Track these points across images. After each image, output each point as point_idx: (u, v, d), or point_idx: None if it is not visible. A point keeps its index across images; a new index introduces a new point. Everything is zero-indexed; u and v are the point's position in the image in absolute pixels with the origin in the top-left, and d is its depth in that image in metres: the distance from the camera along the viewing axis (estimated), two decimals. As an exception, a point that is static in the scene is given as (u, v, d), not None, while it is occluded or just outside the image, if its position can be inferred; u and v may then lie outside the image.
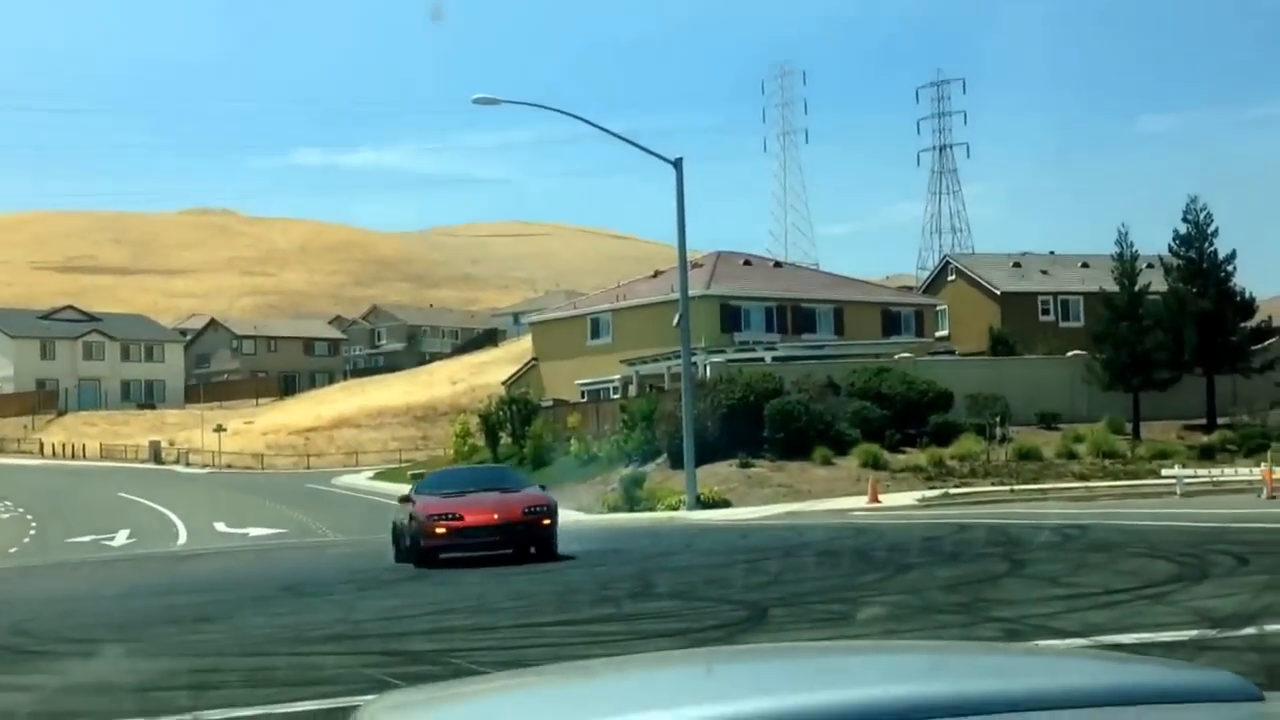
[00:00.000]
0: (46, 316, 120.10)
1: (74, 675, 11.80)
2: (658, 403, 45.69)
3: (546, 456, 51.33)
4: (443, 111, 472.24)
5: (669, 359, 49.85)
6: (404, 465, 72.58)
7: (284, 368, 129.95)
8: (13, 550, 38.16)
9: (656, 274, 68.92)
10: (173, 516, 47.42)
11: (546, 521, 22.57)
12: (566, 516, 39.34)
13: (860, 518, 30.47)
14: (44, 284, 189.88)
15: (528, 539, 22.53)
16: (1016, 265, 76.87)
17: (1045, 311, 71.88)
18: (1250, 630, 10.76)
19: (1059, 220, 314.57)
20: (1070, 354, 51.39)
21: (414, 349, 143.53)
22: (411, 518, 22.88)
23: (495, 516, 22.30)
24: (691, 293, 42.99)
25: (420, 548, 22.11)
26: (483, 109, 37.38)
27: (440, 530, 22.02)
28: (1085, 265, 71.47)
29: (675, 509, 36.90)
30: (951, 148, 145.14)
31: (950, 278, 77.78)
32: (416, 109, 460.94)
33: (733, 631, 12.33)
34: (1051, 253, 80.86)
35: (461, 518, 22.15)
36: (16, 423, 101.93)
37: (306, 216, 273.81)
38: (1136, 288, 47.57)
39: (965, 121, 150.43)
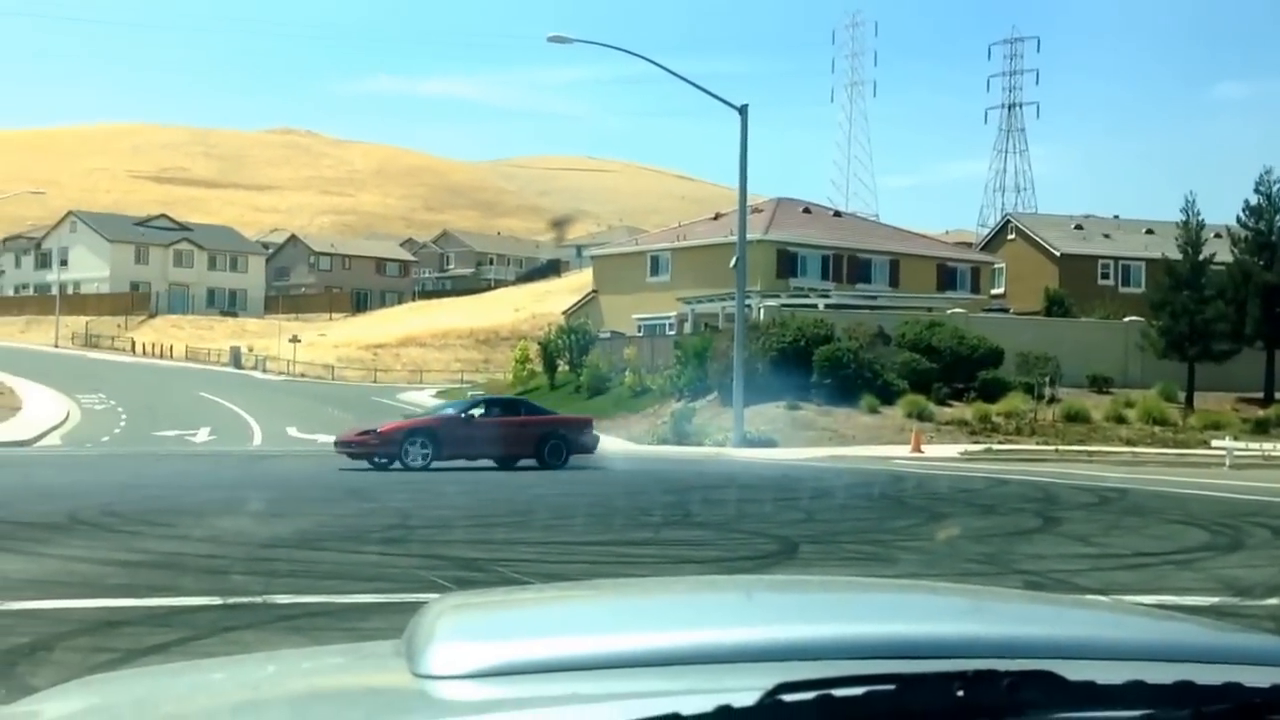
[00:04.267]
0: (142, 224, 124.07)
1: (155, 555, 12.62)
2: (711, 341, 45.95)
3: (601, 386, 51.95)
4: (517, 45, 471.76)
5: (724, 300, 50.06)
6: (465, 385, 73.22)
7: (357, 285, 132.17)
8: (105, 439, 40.60)
9: (717, 216, 69.06)
10: (249, 418, 48.94)
11: (374, 443, 28.54)
12: (616, 446, 40.00)
13: (901, 466, 30.64)
14: (140, 193, 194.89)
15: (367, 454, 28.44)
16: (1078, 227, 76.16)
17: (1105, 275, 71.22)
18: (1273, 601, 10.79)
19: (1126, 184, 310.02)
20: (1127, 319, 51.00)
21: (480, 274, 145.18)
22: None
23: (340, 437, 29.99)
24: (750, 237, 43.19)
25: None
26: (556, 45, 37.79)
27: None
28: (1150, 231, 70.61)
29: (722, 445, 37.34)
30: (1021, 106, 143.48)
31: (1010, 236, 77.22)
32: (491, 41, 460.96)
33: (763, 563, 12.59)
34: (1116, 217, 79.96)
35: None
36: (111, 321, 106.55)
37: (383, 141, 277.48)
38: (1200, 257, 46.87)
39: (1037, 81, 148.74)
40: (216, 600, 9.59)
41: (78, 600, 9.63)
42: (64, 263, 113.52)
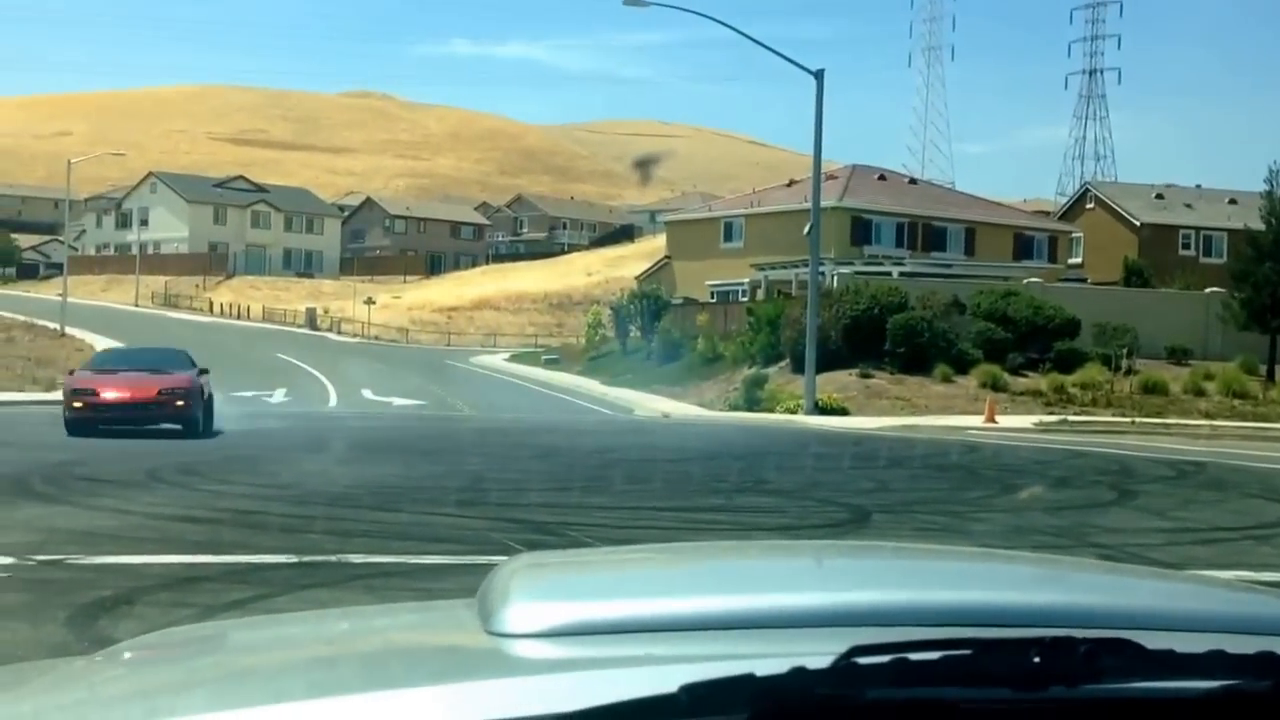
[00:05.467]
0: (220, 185, 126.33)
1: (232, 512, 12.85)
2: (784, 308, 45.81)
3: (673, 352, 51.98)
4: (592, 9, 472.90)
5: (798, 267, 49.91)
6: (538, 349, 73.65)
7: (431, 248, 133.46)
8: None
9: (791, 183, 68.78)
10: (325, 380, 49.47)
11: (181, 403, 24.00)
12: (687, 412, 40.05)
13: (974, 436, 30.38)
14: (218, 154, 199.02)
15: (165, 417, 24.05)
16: (1159, 197, 75.07)
17: (1186, 246, 70.18)
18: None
19: (1210, 153, 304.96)
20: (1208, 291, 50.25)
21: (553, 239, 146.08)
22: (64, 391, 24.96)
23: (129, 395, 23.91)
24: (824, 204, 43.01)
25: (66, 418, 23.68)
26: (631, 8, 37.85)
27: (78, 404, 23.74)
28: (1233, 201, 69.45)
29: (793, 412, 37.25)
30: (1103, 72, 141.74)
31: (1089, 205, 76.27)
32: (566, 5, 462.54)
33: (835, 532, 12.58)
34: (1198, 186, 78.69)
35: (97, 394, 23.84)
36: (189, 281, 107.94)
37: (459, 105, 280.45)
38: (1284, 227, 46.16)
39: (1119, 46, 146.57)
40: (292, 558, 9.73)
41: (158, 556, 9.81)
42: (144, 223, 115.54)
